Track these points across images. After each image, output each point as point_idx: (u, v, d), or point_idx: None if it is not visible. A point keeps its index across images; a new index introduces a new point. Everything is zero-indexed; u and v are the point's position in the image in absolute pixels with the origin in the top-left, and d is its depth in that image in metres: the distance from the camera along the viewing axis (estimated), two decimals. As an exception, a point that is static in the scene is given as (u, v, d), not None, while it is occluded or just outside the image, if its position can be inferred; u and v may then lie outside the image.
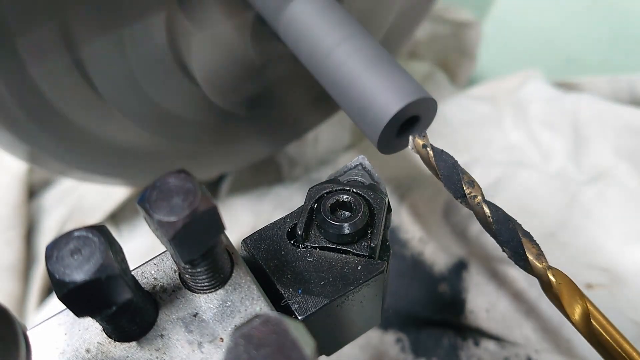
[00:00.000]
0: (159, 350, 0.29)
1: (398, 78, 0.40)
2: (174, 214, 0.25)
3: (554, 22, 1.00)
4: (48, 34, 0.42)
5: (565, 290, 0.35)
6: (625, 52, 0.94)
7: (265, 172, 0.78)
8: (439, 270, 0.65)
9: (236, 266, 0.32)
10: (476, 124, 0.75)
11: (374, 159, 0.39)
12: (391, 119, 0.39)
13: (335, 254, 0.33)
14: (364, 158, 0.37)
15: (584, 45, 0.97)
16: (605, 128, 0.70)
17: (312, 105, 0.67)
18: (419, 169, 0.71)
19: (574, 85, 0.80)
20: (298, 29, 0.45)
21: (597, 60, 0.96)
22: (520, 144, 0.73)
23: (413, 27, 0.70)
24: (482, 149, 0.72)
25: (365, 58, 0.41)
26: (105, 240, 0.25)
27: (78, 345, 0.29)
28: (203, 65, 0.51)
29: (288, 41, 0.46)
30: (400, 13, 0.63)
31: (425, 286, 0.65)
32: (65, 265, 0.24)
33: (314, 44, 0.44)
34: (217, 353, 0.29)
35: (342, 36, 0.43)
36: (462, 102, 0.77)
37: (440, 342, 0.62)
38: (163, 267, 0.32)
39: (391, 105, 0.39)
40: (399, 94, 0.39)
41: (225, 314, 0.30)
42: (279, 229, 0.34)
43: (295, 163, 0.77)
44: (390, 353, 0.62)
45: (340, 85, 0.42)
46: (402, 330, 0.63)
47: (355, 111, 0.41)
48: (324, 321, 0.33)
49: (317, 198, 0.34)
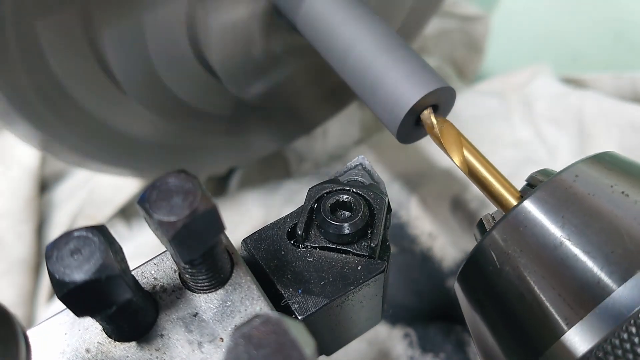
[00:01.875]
0: (159, 350, 0.29)
1: (417, 68, 0.41)
2: (174, 214, 0.25)
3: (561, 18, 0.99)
4: (68, 20, 0.42)
5: (447, 133, 0.39)
6: (631, 50, 0.94)
7: (273, 168, 0.78)
8: (448, 266, 0.65)
9: (236, 266, 0.32)
10: (485, 119, 0.74)
11: (383, 155, 0.39)
12: (411, 108, 0.39)
13: (335, 254, 0.33)
14: (364, 158, 0.37)
15: (590, 43, 0.96)
16: (609, 125, 0.70)
17: (323, 98, 0.68)
18: (428, 164, 0.71)
19: (579, 81, 0.79)
20: (316, 21, 0.45)
21: (603, 58, 0.95)
22: (528, 139, 0.73)
23: (424, 23, 0.70)
24: (491, 145, 0.72)
25: (384, 49, 0.42)
26: (105, 240, 0.25)
27: (78, 345, 0.30)
28: (221, 56, 0.51)
29: (306, 33, 0.47)
30: (412, 9, 0.63)
31: (433, 281, 0.65)
32: (65, 265, 0.24)
33: (333, 35, 0.44)
34: (217, 353, 0.29)
35: (360, 28, 0.43)
36: (471, 97, 0.77)
37: (448, 338, 0.62)
38: (163, 267, 0.32)
39: (411, 94, 0.39)
40: (418, 83, 0.40)
41: (225, 314, 0.30)
42: (279, 229, 0.34)
43: (304, 158, 0.77)
44: (397, 348, 0.62)
45: (359, 76, 0.43)
46: (410, 326, 0.63)
47: (375, 101, 0.42)
48: (324, 321, 0.33)
49: (317, 198, 0.34)
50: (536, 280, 0.31)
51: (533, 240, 0.31)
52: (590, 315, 0.29)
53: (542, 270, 0.31)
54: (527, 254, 0.31)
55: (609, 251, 0.29)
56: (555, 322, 0.30)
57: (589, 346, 0.29)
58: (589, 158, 0.34)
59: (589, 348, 0.29)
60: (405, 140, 0.42)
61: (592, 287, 0.29)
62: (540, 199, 0.32)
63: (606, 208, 0.31)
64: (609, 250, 0.29)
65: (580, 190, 0.32)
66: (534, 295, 0.31)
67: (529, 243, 0.31)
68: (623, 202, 0.31)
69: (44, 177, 0.75)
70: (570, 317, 0.29)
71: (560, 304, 0.30)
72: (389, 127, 0.42)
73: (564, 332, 0.29)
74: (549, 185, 0.32)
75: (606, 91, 0.76)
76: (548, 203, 0.32)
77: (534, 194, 0.32)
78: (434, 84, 0.40)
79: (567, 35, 0.98)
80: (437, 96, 0.40)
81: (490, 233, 0.33)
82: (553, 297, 0.30)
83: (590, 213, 0.31)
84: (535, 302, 0.31)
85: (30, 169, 0.72)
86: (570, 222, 0.31)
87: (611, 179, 0.32)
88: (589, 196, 0.31)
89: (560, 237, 0.31)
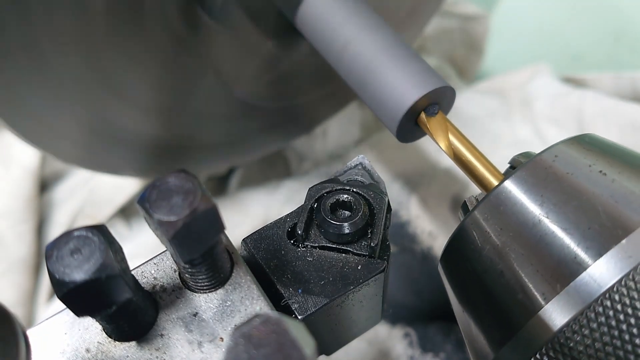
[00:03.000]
0: (159, 350, 0.29)
1: (417, 67, 0.41)
2: (174, 213, 0.25)
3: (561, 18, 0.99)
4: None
5: (434, 120, 0.40)
6: (631, 50, 0.94)
7: (274, 167, 0.78)
8: (448, 266, 0.65)
9: (236, 266, 0.32)
10: (485, 118, 0.74)
11: (383, 155, 0.39)
12: (410, 107, 0.39)
13: (335, 253, 0.33)
14: (364, 157, 0.37)
15: (590, 42, 0.96)
16: (609, 125, 0.70)
17: (323, 98, 0.68)
18: (428, 164, 0.71)
19: (579, 81, 0.79)
20: (316, 20, 0.45)
21: (603, 58, 0.95)
22: (528, 139, 0.73)
23: (424, 23, 0.70)
24: (491, 144, 0.72)
25: (383, 48, 0.42)
26: (105, 239, 0.25)
27: (78, 344, 0.30)
28: (223, 57, 0.51)
29: (306, 33, 0.47)
30: (412, 8, 0.63)
31: (433, 281, 0.65)
32: (65, 264, 0.24)
33: (333, 35, 0.44)
34: (217, 352, 0.29)
35: (360, 26, 0.43)
36: (471, 97, 0.77)
37: (448, 338, 0.62)
38: (163, 266, 0.32)
39: (411, 93, 0.39)
40: (418, 82, 0.40)
41: (225, 314, 0.30)
42: (279, 229, 0.34)
43: (304, 157, 0.77)
44: (397, 348, 0.62)
45: (359, 75, 0.43)
46: (410, 325, 0.63)
47: (374, 100, 0.42)
48: (324, 321, 0.33)
49: (317, 197, 0.34)
50: (515, 257, 0.32)
51: (513, 218, 0.32)
52: (566, 289, 0.29)
53: (521, 247, 0.31)
54: (506, 232, 0.32)
55: (585, 228, 0.30)
56: (533, 297, 0.31)
57: (565, 319, 0.29)
58: (569, 139, 0.34)
59: (565, 321, 0.29)
60: (405, 140, 0.43)
61: (569, 262, 0.30)
62: (520, 179, 0.33)
63: (584, 186, 0.31)
64: (586, 226, 0.30)
65: (559, 170, 0.32)
66: (512, 271, 0.32)
67: (508, 221, 0.32)
68: (600, 180, 0.31)
69: (44, 177, 0.75)
70: (548, 292, 0.30)
71: (538, 280, 0.31)
72: (388, 126, 0.42)
73: (542, 307, 0.30)
74: (529, 166, 0.33)
75: (606, 91, 0.76)
76: (528, 182, 0.32)
77: (514, 174, 0.33)
78: (434, 83, 0.40)
79: (567, 35, 0.98)
80: (436, 95, 0.40)
81: (471, 213, 0.34)
82: (531, 273, 0.31)
83: (569, 191, 0.31)
84: (514, 278, 0.31)
85: (30, 168, 0.72)
86: (549, 200, 0.31)
87: (590, 158, 0.33)
88: (568, 175, 0.32)
89: (539, 215, 0.31)
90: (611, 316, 0.28)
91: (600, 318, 0.29)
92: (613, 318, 0.28)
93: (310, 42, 0.47)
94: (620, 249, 0.29)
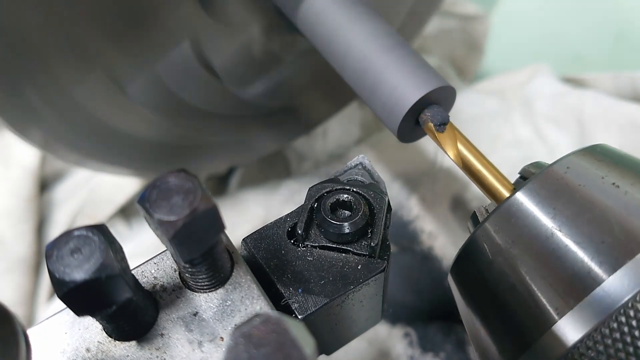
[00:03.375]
0: (159, 350, 0.29)
1: (417, 67, 0.41)
2: (174, 213, 0.25)
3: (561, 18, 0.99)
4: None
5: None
6: (631, 50, 0.93)
7: (274, 167, 0.78)
8: (448, 265, 0.65)
9: (236, 265, 0.32)
10: (485, 118, 0.74)
11: (383, 155, 0.39)
12: (411, 107, 0.39)
13: (335, 253, 0.33)
14: (364, 157, 0.37)
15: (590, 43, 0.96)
16: (609, 125, 0.70)
17: (323, 98, 0.68)
18: (428, 164, 0.71)
19: (579, 81, 0.79)
20: (316, 20, 0.45)
21: (603, 58, 0.95)
22: (528, 139, 0.73)
23: (423, 23, 0.70)
24: (491, 144, 0.72)
25: (384, 47, 0.42)
26: (105, 239, 0.25)
27: (78, 344, 0.30)
28: (223, 57, 0.51)
29: (306, 33, 0.47)
30: (412, 8, 0.63)
31: (434, 281, 0.65)
32: (65, 264, 0.24)
33: (333, 34, 0.44)
34: (217, 352, 0.29)
35: (360, 26, 0.43)
36: (471, 97, 0.77)
37: (448, 338, 0.62)
38: (163, 266, 0.32)
39: (411, 93, 0.39)
40: (418, 82, 0.40)
41: (225, 313, 0.30)
42: (279, 228, 0.34)
43: (304, 157, 0.77)
44: (397, 348, 0.62)
45: (360, 75, 0.43)
46: (410, 325, 0.63)
47: (375, 100, 0.42)
48: (324, 320, 0.33)
49: (317, 197, 0.34)
50: (527, 271, 0.31)
51: (525, 231, 0.32)
52: (580, 305, 0.29)
53: (534, 260, 0.31)
54: (518, 244, 0.32)
55: (599, 241, 0.30)
56: (546, 312, 0.30)
57: (579, 335, 0.29)
58: (580, 150, 0.34)
59: (579, 337, 0.29)
60: (405, 140, 0.43)
61: (582, 277, 0.29)
62: (532, 191, 0.32)
63: (597, 199, 0.31)
64: (600, 240, 0.30)
65: (571, 182, 0.32)
66: (525, 285, 0.31)
67: (520, 234, 0.32)
68: (613, 193, 0.31)
69: (44, 177, 0.75)
70: (561, 307, 0.30)
71: (551, 294, 0.30)
72: (389, 126, 0.42)
73: (555, 322, 0.30)
74: (540, 177, 0.33)
75: (606, 91, 0.76)
76: (540, 194, 0.32)
77: (525, 185, 0.32)
78: (434, 82, 0.40)
79: (567, 35, 0.97)
80: (437, 95, 0.40)
81: (482, 225, 0.33)
82: (544, 287, 0.30)
83: (581, 204, 0.31)
84: (527, 292, 0.31)
85: (30, 168, 0.72)
86: (562, 213, 0.31)
87: (602, 170, 0.32)
88: (580, 187, 0.32)
89: (552, 228, 0.31)
90: (626, 332, 0.28)
91: (615, 334, 0.28)
92: (628, 334, 0.28)
93: (311, 41, 0.47)
94: (634, 264, 0.29)
